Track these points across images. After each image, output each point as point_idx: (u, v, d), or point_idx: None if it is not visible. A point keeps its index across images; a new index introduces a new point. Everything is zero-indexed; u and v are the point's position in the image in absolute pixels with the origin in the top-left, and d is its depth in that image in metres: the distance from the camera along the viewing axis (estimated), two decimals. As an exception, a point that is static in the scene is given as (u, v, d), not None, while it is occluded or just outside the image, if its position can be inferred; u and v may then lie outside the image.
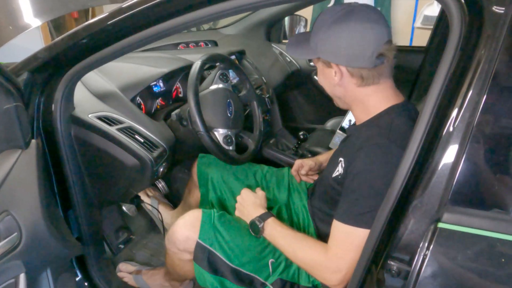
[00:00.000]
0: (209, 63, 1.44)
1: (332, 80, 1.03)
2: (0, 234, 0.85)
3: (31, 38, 3.42)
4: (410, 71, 2.34)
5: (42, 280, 0.97)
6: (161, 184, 2.00)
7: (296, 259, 1.07)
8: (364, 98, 1.04)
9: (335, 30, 0.96)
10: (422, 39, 2.99)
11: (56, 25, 3.89)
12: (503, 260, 0.67)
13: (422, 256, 0.71)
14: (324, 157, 1.51)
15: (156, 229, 1.90)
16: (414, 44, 3.59)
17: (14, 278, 0.84)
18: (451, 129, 0.72)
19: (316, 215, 1.26)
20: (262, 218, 1.14)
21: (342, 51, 0.96)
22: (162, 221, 1.69)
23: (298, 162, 1.47)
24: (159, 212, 1.74)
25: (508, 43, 0.68)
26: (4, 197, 0.89)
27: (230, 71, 1.56)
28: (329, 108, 2.61)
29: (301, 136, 1.89)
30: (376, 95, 1.02)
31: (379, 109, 1.03)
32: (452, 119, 0.72)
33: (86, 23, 1.03)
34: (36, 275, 0.95)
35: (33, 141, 1.02)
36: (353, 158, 0.98)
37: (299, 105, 2.73)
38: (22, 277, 0.84)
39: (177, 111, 1.40)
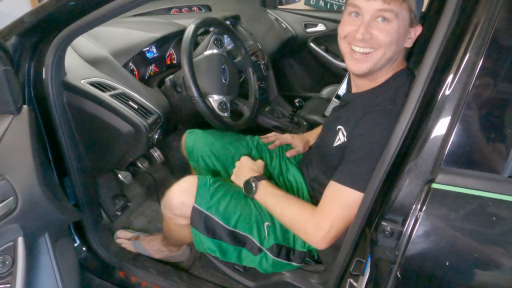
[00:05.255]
0: (203, 27, 1.40)
1: (404, 42, 0.97)
2: (-4, 198, 0.86)
3: (17, 4, 3.31)
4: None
5: (41, 245, 0.98)
6: (156, 153, 2.00)
7: (283, 216, 1.08)
8: (393, 62, 1.00)
9: None
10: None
11: (44, -10, 3.75)
12: (494, 219, 0.68)
13: (415, 217, 0.73)
14: (312, 135, 1.51)
15: (151, 196, 1.92)
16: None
17: (12, 241, 0.85)
18: (447, 92, 0.72)
19: (314, 187, 1.27)
20: (257, 178, 1.15)
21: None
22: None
23: (288, 137, 1.49)
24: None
25: (509, 1, 0.66)
26: (-2, 161, 0.89)
27: (225, 36, 1.52)
28: (325, 76, 2.59)
29: (297, 104, 1.88)
30: (399, 58, 1.01)
31: (386, 77, 1.01)
32: (448, 82, 0.71)
33: (74, -17, 0.99)
34: (34, 239, 0.96)
35: (25, 106, 1.01)
36: (356, 124, 0.98)
37: (294, 73, 2.70)
38: (20, 240, 0.85)
39: (171, 77, 1.37)
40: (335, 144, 1.07)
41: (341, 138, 1.05)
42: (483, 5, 0.69)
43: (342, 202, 0.95)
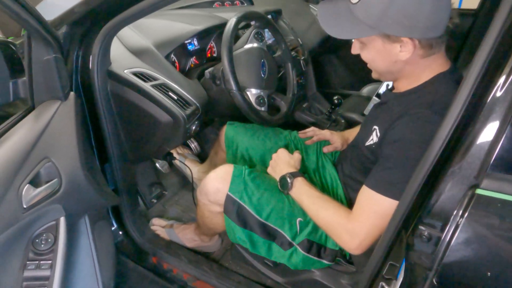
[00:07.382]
0: (245, 21, 1.40)
1: (394, 56, 0.92)
2: (42, 179, 0.90)
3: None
4: (456, 36, 2.19)
5: (81, 226, 1.03)
6: (193, 144, 2.04)
7: (317, 217, 1.07)
8: (420, 69, 0.96)
9: None
10: (471, 1, 2.77)
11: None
12: (544, 230, 0.64)
13: (456, 223, 0.69)
14: (352, 134, 1.48)
15: (187, 186, 1.96)
16: (463, 6, 3.34)
17: (55, 220, 0.90)
18: (498, 94, 0.67)
19: (347, 183, 1.25)
20: (293, 175, 1.15)
21: (421, 21, 0.82)
22: (192, 176, 1.74)
23: (326, 133, 1.46)
24: (186, 166, 1.78)
25: None
26: (45, 144, 0.94)
27: (266, 30, 1.52)
28: (366, 74, 2.51)
29: (335, 101, 1.85)
30: (432, 64, 0.95)
31: (426, 78, 0.97)
32: (500, 83, 0.67)
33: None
34: (75, 220, 1.01)
35: (72, 93, 1.05)
36: (390, 127, 0.95)
37: (334, 70, 2.65)
38: (62, 220, 0.90)
39: (210, 69, 1.39)
40: (367, 143, 1.05)
41: (374, 138, 1.03)
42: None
43: (378, 211, 0.93)
